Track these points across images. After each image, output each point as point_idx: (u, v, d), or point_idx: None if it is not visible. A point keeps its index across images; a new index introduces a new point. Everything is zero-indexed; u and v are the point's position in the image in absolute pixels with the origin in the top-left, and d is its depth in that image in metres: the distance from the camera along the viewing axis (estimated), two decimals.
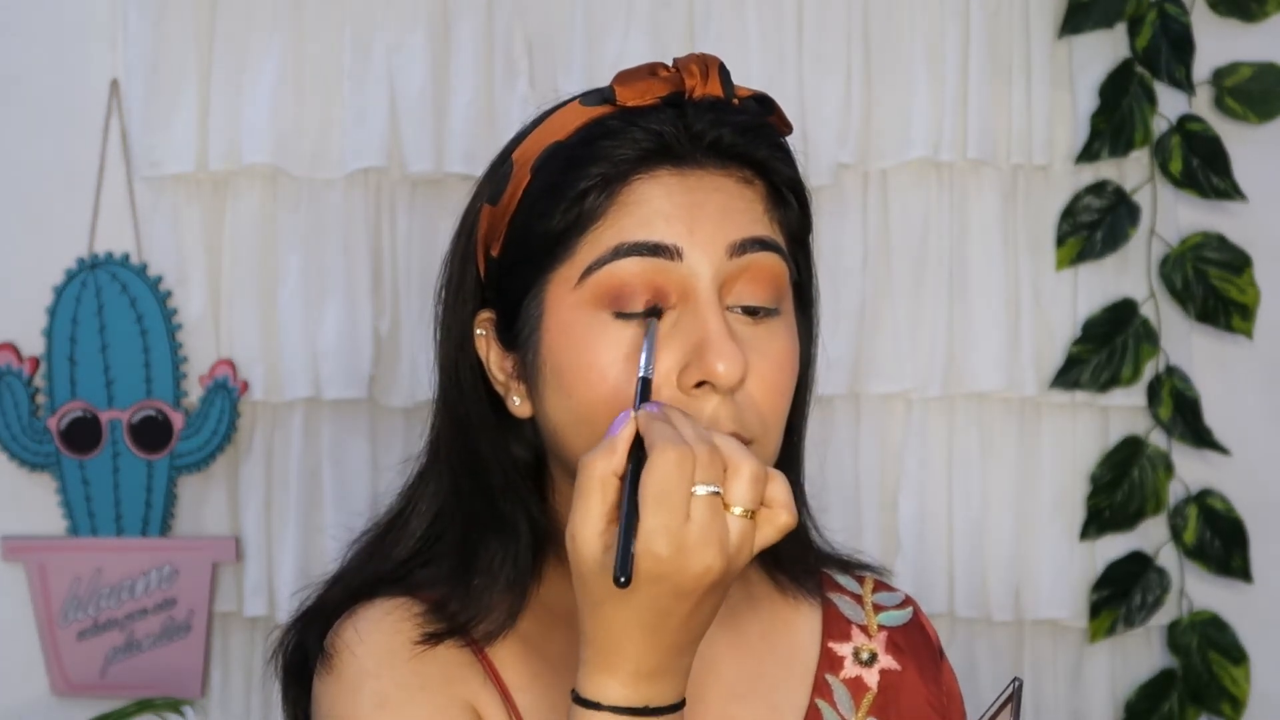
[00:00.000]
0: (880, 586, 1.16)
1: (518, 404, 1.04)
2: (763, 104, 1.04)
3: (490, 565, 1.05)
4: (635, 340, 0.98)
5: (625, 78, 1.02)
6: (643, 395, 0.94)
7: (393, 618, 1.04)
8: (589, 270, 0.98)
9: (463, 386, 1.07)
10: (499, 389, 1.05)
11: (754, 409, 0.99)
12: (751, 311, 1.00)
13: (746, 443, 0.97)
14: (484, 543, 1.05)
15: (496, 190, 1.04)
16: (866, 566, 1.17)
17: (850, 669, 1.11)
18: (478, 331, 1.06)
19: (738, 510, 0.87)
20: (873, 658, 1.11)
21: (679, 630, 0.89)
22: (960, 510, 2.01)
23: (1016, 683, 0.97)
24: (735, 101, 1.03)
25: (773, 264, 1.00)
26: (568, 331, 0.99)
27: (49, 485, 1.96)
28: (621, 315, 0.98)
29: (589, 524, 0.88)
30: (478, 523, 1.06)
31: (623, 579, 0.85)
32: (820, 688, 1.09)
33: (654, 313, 0.98)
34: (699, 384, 0.97)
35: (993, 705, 0.97)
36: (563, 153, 1.01)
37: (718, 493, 0.87)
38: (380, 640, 1.03)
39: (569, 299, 0.99)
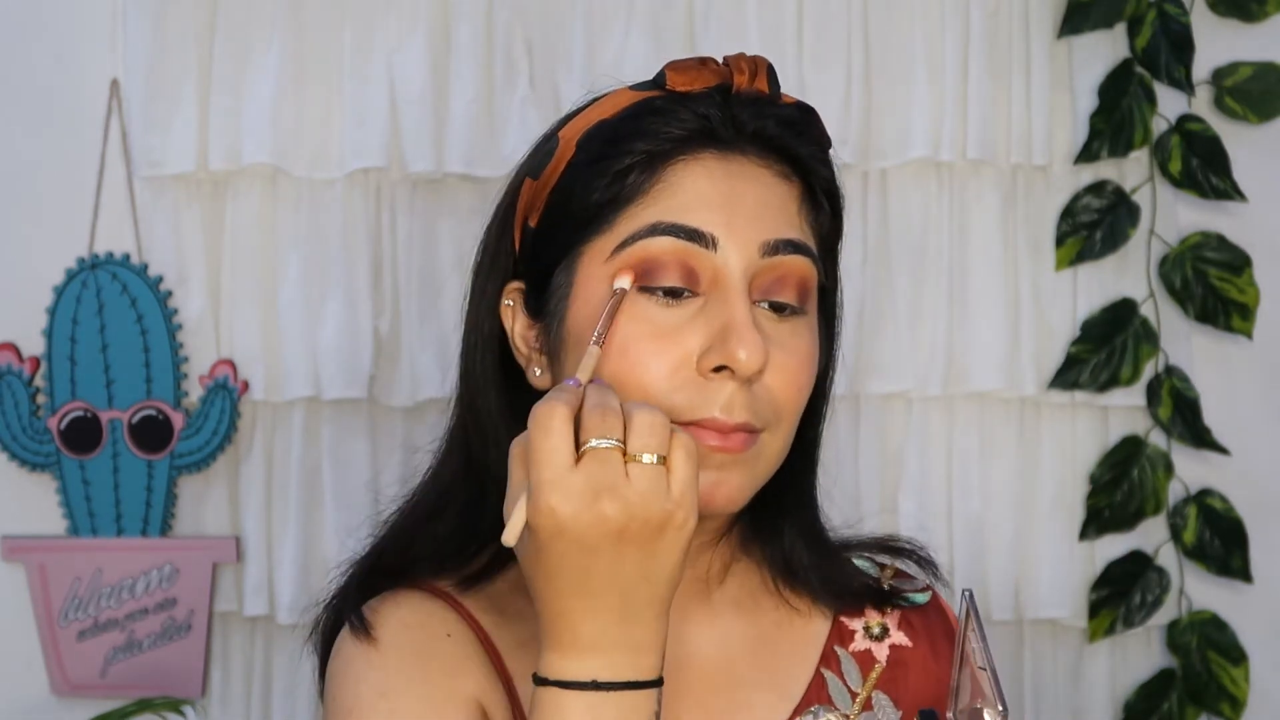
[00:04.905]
0: (900, 575, 1.16)
1: (538, 374, 1.05)
2: (805, 111, 1.07)
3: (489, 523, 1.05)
4: (658, 316, 0.98)
5: (677, 65, 1.03)
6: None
7: (404, 610, 1.06)
8: (623, 244, 0.99)
9: (482, 351, 1.08)
10: (520, 360, 1.06)
11: (770, 401, 0.99)
12: (778, 308, 1.01)
13: (758, 431, 0.98)
14: (482, 504, 1.06)
15: (539, 164, 1.05)
16: (898, 551, 1.16)
17: (860, 642, 1.11)
18: (505, 302, 1.07)
19: (646, 459, 0.87)
20: (884, 632, 1.11)
21: (606, 592, 0.87)
22: (960, 510, 2.01)
23: (966, 593, 0.93)
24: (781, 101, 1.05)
25: (803, 267, 1.01)
26: (594, 303, 1.00)
27: (49, 485, 1.95)
28: (646, 290, 0.98)
29: (509, 500, 0.89)
30: (481, 486, 1.06)
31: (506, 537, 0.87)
32: (828, 658, 1.10)
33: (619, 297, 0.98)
34: (718, 368, 0.97)
35: (960, 633, 0.93)
36: (608, 128, 1.02)
37: (615, 445, 0.86)
38: (396, 631, 1.04)
39: (600, 271, 1.00)
